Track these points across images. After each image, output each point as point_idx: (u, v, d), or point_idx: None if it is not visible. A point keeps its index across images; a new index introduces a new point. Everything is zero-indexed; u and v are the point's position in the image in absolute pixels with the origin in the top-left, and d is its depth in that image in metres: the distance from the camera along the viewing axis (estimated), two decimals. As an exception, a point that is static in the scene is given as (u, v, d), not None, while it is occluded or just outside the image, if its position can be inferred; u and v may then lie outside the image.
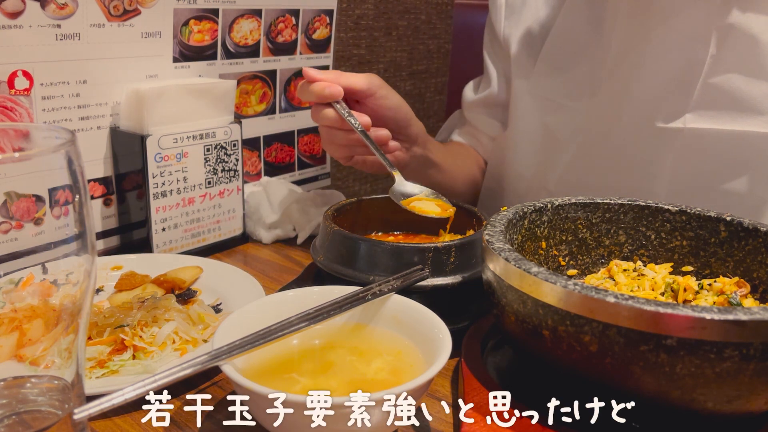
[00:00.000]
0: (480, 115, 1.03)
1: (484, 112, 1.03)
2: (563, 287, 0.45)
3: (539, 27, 0.92)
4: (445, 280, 0.62)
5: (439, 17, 1.57)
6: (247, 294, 0.68)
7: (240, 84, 0.96)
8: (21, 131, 0.43)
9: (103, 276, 0.73)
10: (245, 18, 0.93)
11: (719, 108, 0.75)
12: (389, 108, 0.79)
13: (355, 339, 0.54)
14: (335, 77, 0.74)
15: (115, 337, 0.59)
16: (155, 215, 0.80)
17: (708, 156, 0.77)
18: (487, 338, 0.59)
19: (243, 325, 0.50)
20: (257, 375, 0.48)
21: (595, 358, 0.45)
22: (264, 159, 1.03)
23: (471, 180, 1.03)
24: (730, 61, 0.74)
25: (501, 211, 0.59)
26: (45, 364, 0.41)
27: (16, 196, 0.41)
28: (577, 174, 0.88)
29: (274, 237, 0.90)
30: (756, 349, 0.41)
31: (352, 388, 0.48)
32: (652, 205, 0.64)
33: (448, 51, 1.61)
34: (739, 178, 0.76)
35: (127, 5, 0.78)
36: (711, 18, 0.74)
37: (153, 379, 0.42)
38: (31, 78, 0.72)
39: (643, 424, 0.47)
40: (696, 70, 0.75)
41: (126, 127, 0.80)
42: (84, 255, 0.40)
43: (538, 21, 0.92)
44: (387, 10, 1.43)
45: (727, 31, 0.73)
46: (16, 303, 0.40)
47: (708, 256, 0.62)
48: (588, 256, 0.65)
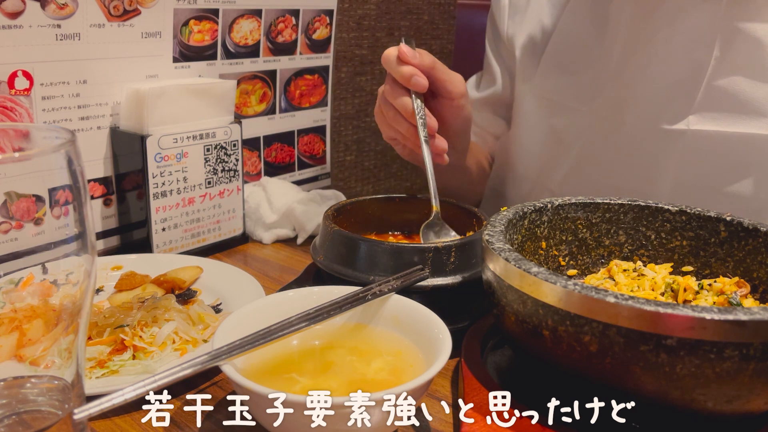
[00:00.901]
0: (484, 113, 1.03)
1: (489, 110, 1.03)
2: (563, 287, 0.45)
3: (543, 27, 0.92)
4: (445, 280, 0.62)
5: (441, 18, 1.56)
6: (247, 294, 0.68)
7: (240, 84, 0.96)
8: (21, 131, 0.43)
9: (103, 276, 0.73)
10: (245, 18, 0.93)
11: (723, 110, 0.75)
12: (462, 117, 0.78)
13: (355, 339, 0.54)
14: (429, 64, 0.71)
15: (115, 337, 0.59)
16: (155, 215, 0.80)
17: (712, 158, 0.76)
18: (487, 338, 0.59)
19: (243, 325, 0.50)
20: (257, 375, 0.48)
21: (595, 358, 0.45)
22: (264, 159, 1.03)
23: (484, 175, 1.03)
24: (735, 64, 0.74)
25: (501, 211, 0.59)
26: (45, 364, 0.41)
27: (16, 196, 0.41)
28: (580, 175, 0.88)
29: (274, 237, 0.90)
30: (756, 349, 0.41)
31: (352, 388, 0.48)
32: (652, 205, 0.64)
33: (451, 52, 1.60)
34: (742, 180, 0.76)
35: (127, 5, 0.78)
36: (715, 21, 0.74)
37: (153, 379, 0.42)
38: (31, 78, 0.72)
39: (643, 424, 0.47)
40: (700, 72, 0.75)
41: (126, 127, 0.80)
42: (84, 255, 0.40)
43: (541, 21, 0.92)
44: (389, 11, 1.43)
45: (732, 34, 0.73)
46: (16, 303, 0.40)
47: (708, 256, 0.62)
48: (588, 256, 0.65)
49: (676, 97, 0.77)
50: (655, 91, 0.78)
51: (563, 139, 0.89)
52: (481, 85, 1.04)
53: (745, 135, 0.74)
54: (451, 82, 0.74)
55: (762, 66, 0.73)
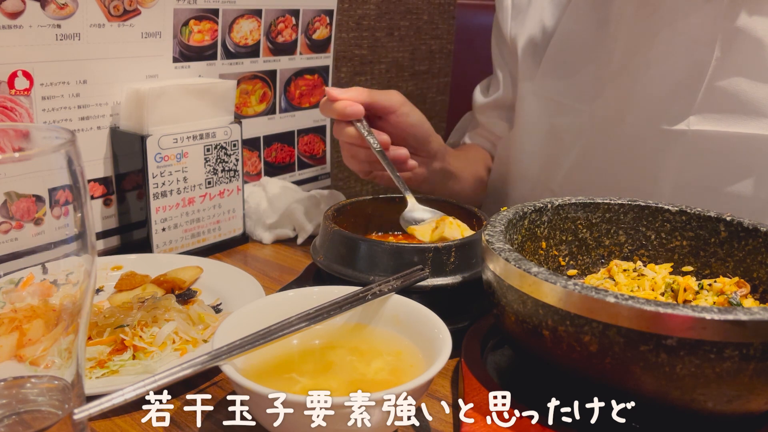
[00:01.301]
0: (492, 118, 1.04)
1: (496, 114, 1.04)
2: (563, 287, 0.45)
3: (544, 27, 0.92)
4: (445, 280, 0.62)
5: (441, 17, 1.56)
6: (247, 294, 0.68)
7: (240, 84, 0.96)
8: (21, 131, 0.43)
9: (103, 276, 0.73)
10: (245, 18, 0.93)
11: (723, 111, 0.75)
12: (410, 125, 0.81)
13: (355, 339, 0.54)
14: (357, 95, 0.75)
15: (115, 337, 0.59)
16: (155, 215, 0.80)
17: (712, 158, 0.76)
18: (487, 338, 0.59)
19: (243, 325, 0.50)
20: (257, 375, 0.48)
21: (595, 358, 0.45)
22: (264, 159, 1.03)
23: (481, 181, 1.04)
24: (736, 65, 0.74)
25: (501, 211, 0.59)
26: (45, 364, 0.41)
27: (16, 196, 0.41)
28: (581, 175, 0.88)
29: (274, 237, 0.90)
30: (756, 349, 0.41)
31: (352, 388, 0.48)
32: (652, 205, 0.64)
33: (451, 51, 1.60)
34: (743, 180, 0.76)
35: (127, 5, 0.78)
36: (717, 21, 0.74)
37: (153, 379, 0.42)
38: (31, 78, 0.72)
39: (643, 424, 0.47)
40: (701, 72, 0.75)
41: (126, 127, 0.80)
42: (84, 255, 0.40)
43: (543, 21, 0.92)
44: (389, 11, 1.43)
45: (733, 34, 0.73)
46: (16, 303, 0.40)
47: (708, 256, 0.62)
48: (588, 256, 0.65)
49: (677, 98, 0.77)
50: (656, 91, 0.78)
51: (564, 139, 0.89)
52: (489, 90, 1.05)
53: (745, 135, 0.74)
54: (387, 98, 0.79)
55: (763, 66, 0.73)
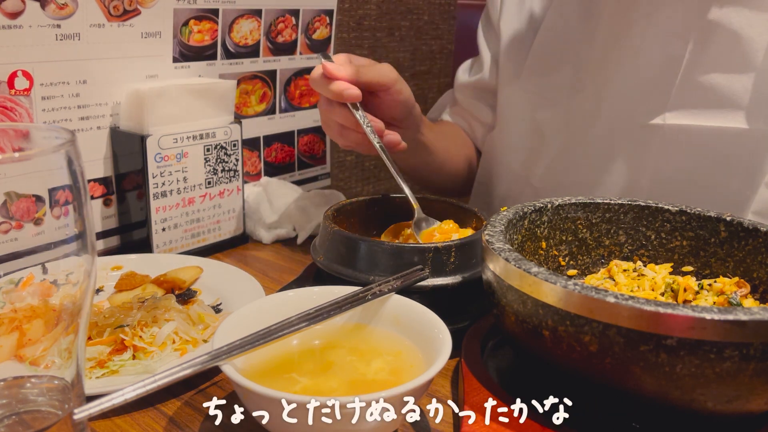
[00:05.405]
0: (470, 98, 1.03)
1: (475, 95, 1.03)
2: (563, 287, 0.45)
3: (532, 21, 0.92)
4: (445, 280, 0.62)
5: (441, 18, 1.57)
6: (247, 294, 0.68)
7: (240, 84, 0.96)
8: (21, 131, 0.43)
9: (103, 276, 0.73)
10: (245, 18, 0.93)
11: (699, 105, 0.74)
12: (402, 102, 0.78)
13: (355, 339, 0.54)
14: (354, 73, 0.71)
15: (115, 337, 0.59)
16: (155, 215, 0.80)
17: (689, 152, 0.76)
18: (487, 338, 0.59)
19: (243, 325, 0.50)
20: (257, 375, 0.48)
21: (595, 358, 0.45)
22: (264, 159, 1.03)
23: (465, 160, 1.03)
24: (711, 58, 0.73)
25: (501, 211, 0.59)
26: (45, 364, 0.41)
27: (16, 196, 0.41)
28: (561, 170, 0.88)
29: (274, 237, 0.90)
30: (756, 349, 0.41)
31: (352, 388, 0.48)
32: (652, 205, 0.64)
33: (451, 52, 1.61)
34: (722, 174, 0.76)
35: (127, 5, 0.78)
36: (691, 14, 0.73)
37: (153, 379, 0.42)
38: (31, 78, 0.72)
39: (643, 424, 0.47)
40: (674, 67, 0.75)
41: (126, 127, 0.80)
42: (84, 255, 0.40)
43: (531, 14, 0.92)
44: (389, 11, 1.43)
45: (707, 27, 0.73)
46: (16, 303, 0.40)
47: (708, 256, 0.62)
48: (588, 256, 0.65)
49: (652, 92, 0.77)
50: (632, 86, 0.78)
51: (545, 134, 0.89)
52: (472, 70, 1.04)
53: (722, 129, 0.73)
54: (381, 74, 0.75)
55: (740, 58, 0.72)
